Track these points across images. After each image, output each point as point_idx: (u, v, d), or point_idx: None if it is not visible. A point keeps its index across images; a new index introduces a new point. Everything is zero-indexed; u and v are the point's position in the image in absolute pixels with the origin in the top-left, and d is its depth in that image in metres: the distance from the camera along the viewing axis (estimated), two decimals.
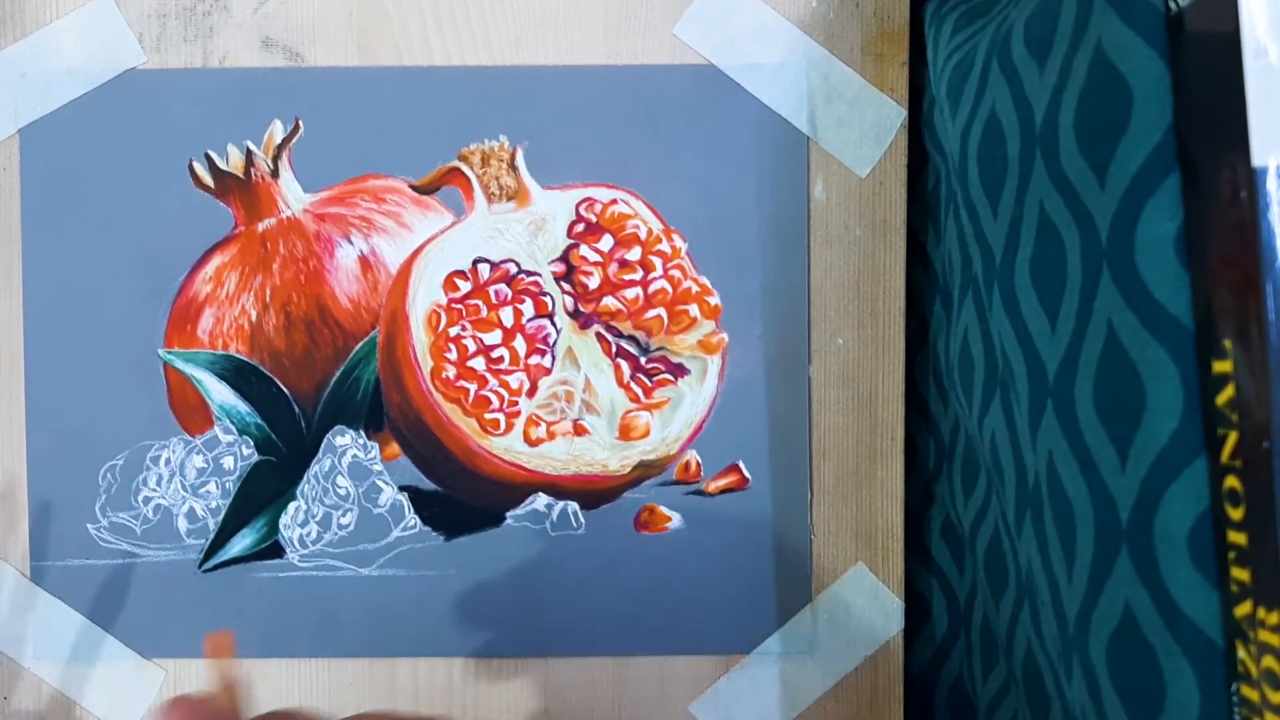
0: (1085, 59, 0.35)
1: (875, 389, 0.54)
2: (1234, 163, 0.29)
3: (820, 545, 0.54)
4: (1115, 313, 0.34)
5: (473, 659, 0.54)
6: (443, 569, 0.53)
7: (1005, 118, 0.41)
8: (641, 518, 0.53)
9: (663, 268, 0.53)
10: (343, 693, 0.54)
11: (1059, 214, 0.37)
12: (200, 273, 0.53)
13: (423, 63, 0.53)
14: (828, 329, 0.53)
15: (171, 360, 0.53)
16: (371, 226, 0.53)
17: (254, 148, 0.53)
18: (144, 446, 0.53)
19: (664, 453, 0.53)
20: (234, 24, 0.53)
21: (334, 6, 0.53)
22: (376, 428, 0.53)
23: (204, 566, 0.53)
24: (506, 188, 0.53)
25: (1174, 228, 0.32)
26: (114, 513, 0.53)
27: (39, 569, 0.53)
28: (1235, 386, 0.30)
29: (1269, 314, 0.28)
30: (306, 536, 0.53)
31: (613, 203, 0.53)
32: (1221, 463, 0.31)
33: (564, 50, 0.53)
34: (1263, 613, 0.30)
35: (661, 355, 0.53)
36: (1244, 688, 0.31)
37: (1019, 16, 0.41)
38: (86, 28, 0.53)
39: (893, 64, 0.53)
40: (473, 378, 0.53)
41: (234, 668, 0.53)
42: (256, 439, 0.53)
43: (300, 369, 0.53)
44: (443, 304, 0.53)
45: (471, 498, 0.53)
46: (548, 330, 0.53)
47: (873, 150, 0.53)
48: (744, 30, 0.53)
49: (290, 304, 0.53)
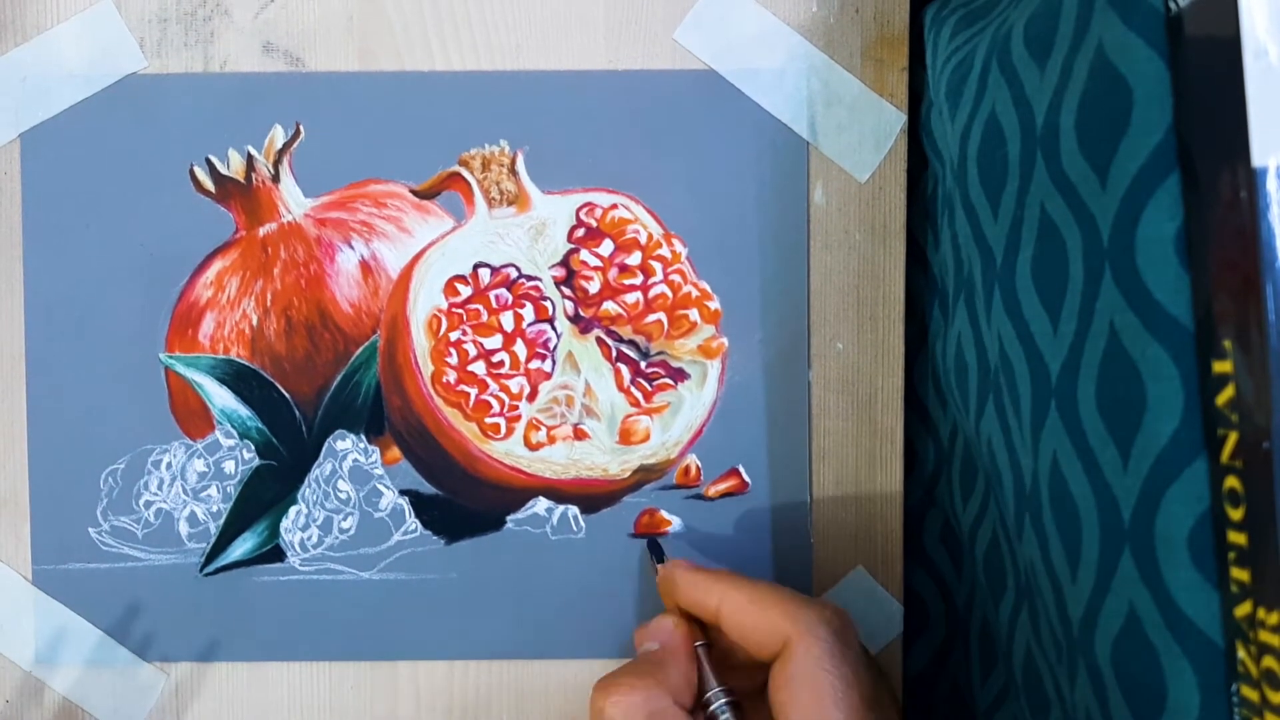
0: (1086, 60, 0.35)
1: (875, 393, 0.54)
2: (1234, 163, 0.29)
3: (820, 549, 0.54)
4: (1117, 313, 0.34)
5: (474, 662, 0.54)
6: (443, 572, 0.53)
7: (1005, 119, 0.41)
8: (642, 521, 0.54)
9: (663, 272, 0.53)
10: (344, 696, 0.54)
11: (1060, 214, 0.37)
12: (201, 277, 0.53)
13: (423, 68, 0.53)
14: (827, 333, 0.54)
15: (173, 364, 0.53)
16: (372, 231, 0.53)
17: (255, 153, 0.53)
18: (145, 450, 0.53)
19: (664, 457, 0.54)
20: (234, 29, 0.53)
21: (335, 12, 0.53)
22: (377, 432, 0.53)
23: (205, 570, 0.53)
24: (507, 192, 0.53)
25: (1174, 228, 0.32)
26: (115, 517, 0.53)
27: (40, 573, 0.53)
28: (1235, 387, 0.30)
29: (1269, 314, 0.29)
30: (307, 540, 0.53)
31: (613, 208, 0.53)
32: (1221, 463, 0.31)
33: (564, 55, 0.53)
34: (1263, 613, 0.30)
35: (661, 360, 0.53)
36: (1244, 688, 0.31)
37: (1018, 18, 0.41)
38: (87, 32, 0.53)
39: (892, 69, 0.53)
40: (473, 382, 0.53)
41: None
42: (257, 443, 0.53)
43: (301, 373, 0.53)
44: (443, 309, 0.53)
45: (472, 502, 0.53)
46: (548, 335, 0.53)
47: (873, 155, 0.53)
48: (744, 36, 0.53)
49: (291, 308, 0.53)
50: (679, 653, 0.45)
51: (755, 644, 0.43)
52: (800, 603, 0.43)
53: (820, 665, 0.41)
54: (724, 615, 0.45)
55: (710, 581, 0.46)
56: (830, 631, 0.42)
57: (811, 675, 0.40)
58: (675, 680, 0.44)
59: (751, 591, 0.45)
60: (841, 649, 0.41)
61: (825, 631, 0.41)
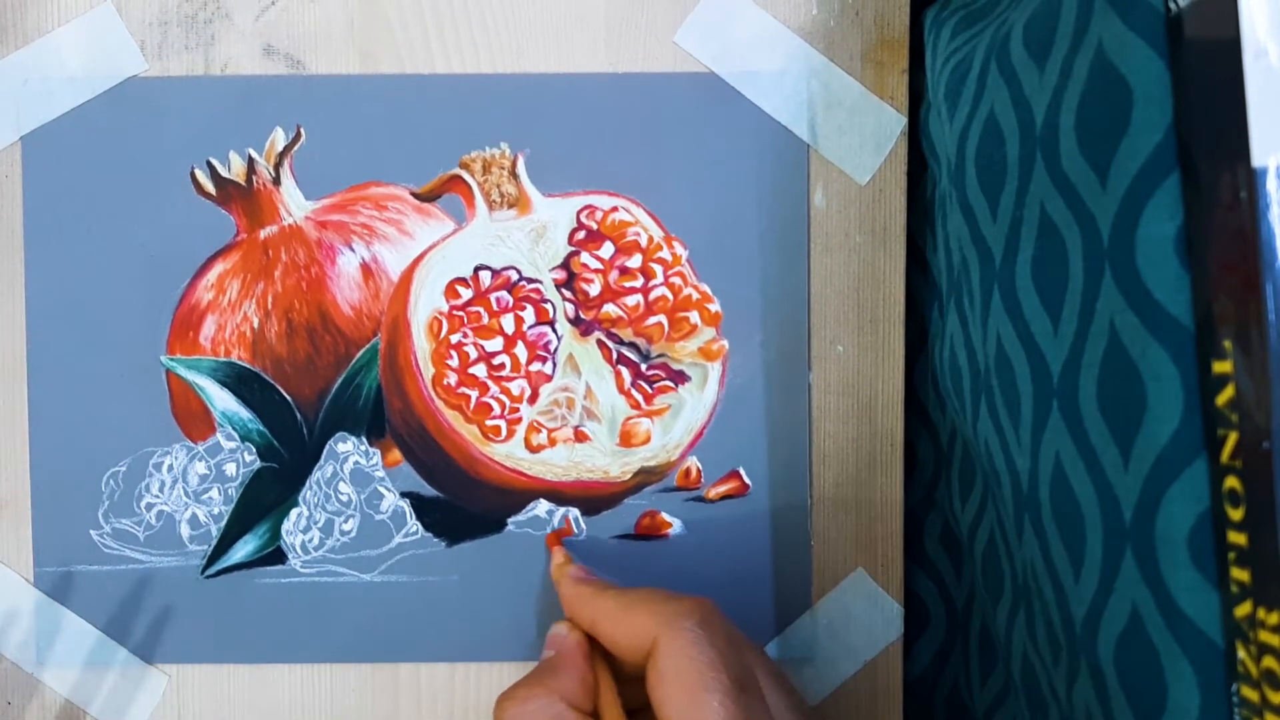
0: (1086, 60, 0.35)
1: (875, 395, 0.54)
2: (1234, 163, 0.29)
3: (820, 551, 0.54)
4: (1117, 313, 0.34)
5: (475, 664, 0.54)
6: (444, 575, 0.53)
7: (1004, 119, 0.41)
8: (642, 523, 0.54)
9: (663, 275, 0.53)
10: (345, 698, 0.54)
11: (1060, 215, 0.37)
12: (202, 280, 0.53)
13: (424, 70, 0.53)
14: (828, 336, 0.54)
15: (174, 367, 0.53)
16: (373, 234, 0.53)
17: (256, 155, 0.53)
18: (146, 453, 0.53)
19: (665, 459, 0.54)
20: (235, 32, 0.53)
21: (335, 14, 0.53)
22: (378, 434, 0.53)
23: (207, 573, 0.53)
24: (508, 195, 0.53)
25: (1174, 228, 0.32)
26: (117, 519, 0.53)
27: (42, 574, 0.53)
28: (1235, 387, 0.30)
29: (1269, 314, 0.29)
30: (309, 543, 0.53)
31: (613, 210, 0.53)
32: (1221, 463, 0.31)
33: (565, 58, 0.53)
34: (1263, 613, 0.30)
35: (662, 362, 0.53)
36: (1244, 688, 0.31)
37: (1018, 19, 0.41)
38: (88, 35, 0.53)
39: (892, 71, 0.53)
40: (474, 384, 0.53)
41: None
42: (259, 445, 0.53)
43: (302, 376, 0.53)
44: (444, 311, 0.53)
45: (473, 504, 0.53)
46: (549, 337, 0.53)
47: (873, 158, 0.53)
48: (745, 38, 0.53)
49: (292, 311, 0.53)
50: (574, 657, 0.46)
51: (629, 649, 0.44)
52: (664, 599, 0.43)
53: (685, 654, 0.41)
54: (598, 625, 0.45)
55: (587, 593, 0.47)
56: (693, 621, 0.42)
57: (678, 665, 0.41)
58: (570, 685, 0.44)
59: (621, 599, 0.45)
60: (707, 635, 0.42)
61: (688, 622, 0.42)
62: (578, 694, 0.44)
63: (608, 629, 0.45)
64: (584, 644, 0.46)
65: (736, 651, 0.42)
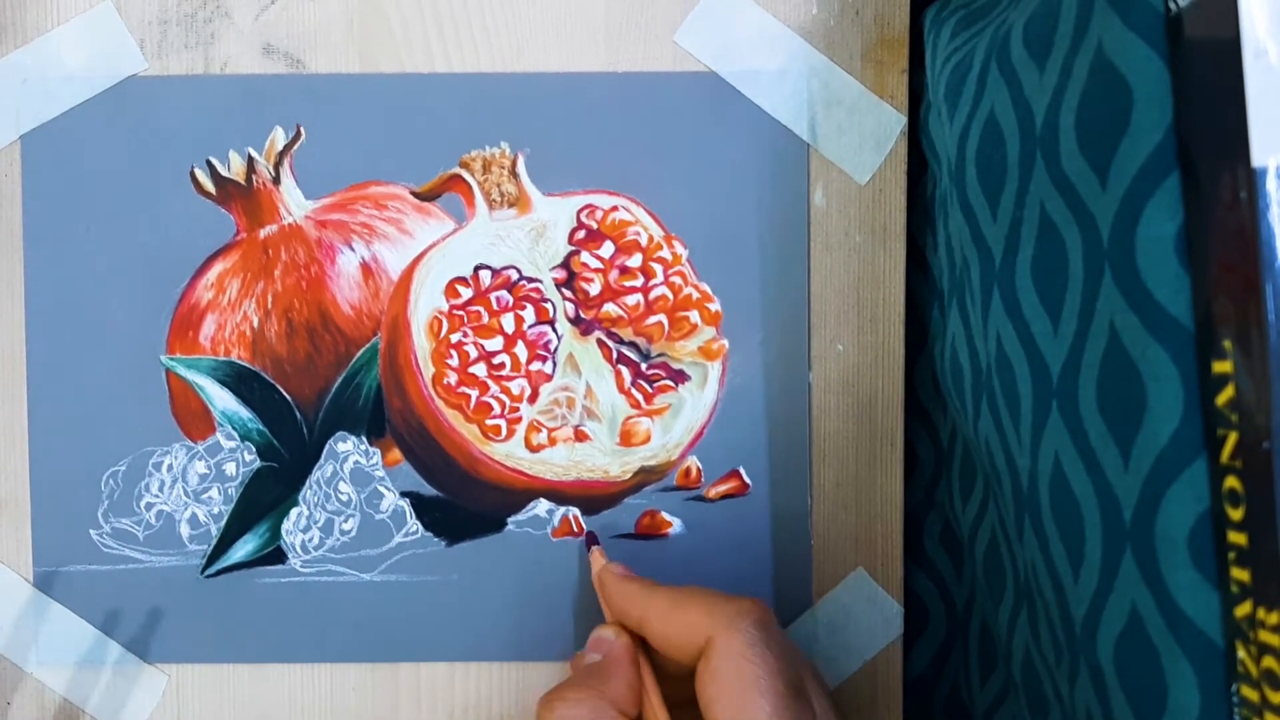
0: (1086, 60, 0.35)
1: (875, 395, 0.54)
2: (1234, 163, 0.29)
3: (820, 550, 0.54)
4: (1117, 313, 0.34)
5: (475, 663, 0.54)
6: (444, 574, 0.53)
7: (1004, 119, 0.41)
8: (642, 523, 0.54)
9: (663, 274, 0.53)
10: (344, 698, 0.54)
11: (1060, 215, 0.37)
12: (202, 279, 0.53)
13: (424, 70, 0.53)
14: (828, 335, 0.54)
15: (173, 366, 0.53)
16: (373, 233, 0.53)
17: (255, 154, 0.53)
18: (146, 452, 0.53)
19: (665, 458, 0.54)
20: (235, 31, 0.53)
21: (335, 13, 0.53)
22: (378, 434, 0.53)
23: (206, 572, 0.53)
24: (508, 194, 0.53)
25: (1174, 228, 0.32)
26: (116, 519, 0.53)
27: (42, 574, 0.53)
28: (1235, 387, 0.30)
29: (1269, 315, 0.29)
30: (309, 542, 0.53)
31: (613, 209, 0.53)
32: (1221, 463, 0.31)
33: (565, 57, 0.53)
34: (1263, 613, 0.30)
35: (662, 361, 0.53)
36: (1244, 688, 0.31)
37: (1018, 19, 0.41)
38: (88, 34, 0.53)
39: (892, 71, 0.53)
40: (474, 384, 0.53)
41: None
42: (258, 445, 0.53)
43: (302, 375, 0.53)
44: (444, 310, 0.53)
45: (473, 503, 0.53)
46: (549, 336, 0.53)
47: (873, 157, 0.53)
48: (745, 38, 0.53)
49: (292, 310, 0.53)
50: (621, 662, 0.46)
51: (679, 647, 0.44)
52: (719, 599, 0.43)
53: (743, 656, 0.41)
54: (647, 623, 0.45)
55: (634, 590, 0.47)
56: (750, 622, 0.42)
57: (735, 666, 0.41)
58: (619, 690, 0.44)
59: (673, 596, 0.45)
60: (763, 638, 0.42)
61: (745, 623, 0.42)
62: (625, 699, 0.44)
63: (658, 626, 0.45)
64: (631, 649, 0.46)
65: (791, 658, 0.42)
